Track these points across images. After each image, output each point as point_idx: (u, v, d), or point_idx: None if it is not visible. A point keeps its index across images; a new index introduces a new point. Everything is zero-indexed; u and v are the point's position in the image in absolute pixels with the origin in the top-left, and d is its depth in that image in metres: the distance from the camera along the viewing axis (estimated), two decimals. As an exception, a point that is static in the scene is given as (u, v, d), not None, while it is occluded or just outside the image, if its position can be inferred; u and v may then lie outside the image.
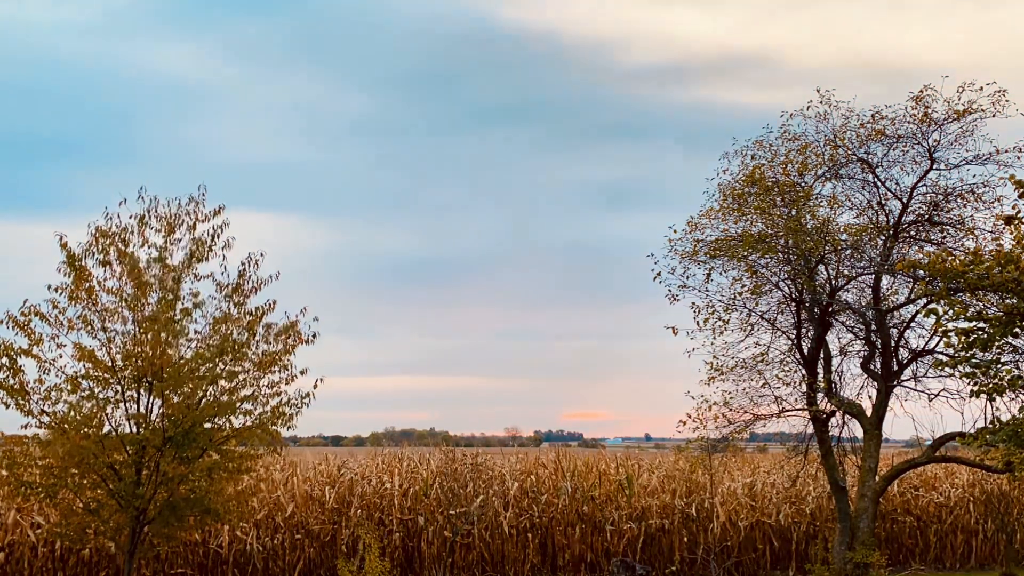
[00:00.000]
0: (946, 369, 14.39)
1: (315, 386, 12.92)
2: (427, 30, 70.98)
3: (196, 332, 12.72)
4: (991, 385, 12.37)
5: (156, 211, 12.72)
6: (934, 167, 15.36)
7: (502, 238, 77.45)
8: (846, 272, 16.10)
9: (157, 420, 12.40)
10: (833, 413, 16.13)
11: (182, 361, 12.36)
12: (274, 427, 12.92)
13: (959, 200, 15.47)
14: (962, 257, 12.70)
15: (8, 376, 11.97)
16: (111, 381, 12.29)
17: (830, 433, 16.26)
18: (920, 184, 15.52)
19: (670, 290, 15.97)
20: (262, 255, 12.99)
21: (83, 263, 12.35)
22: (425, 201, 75.96)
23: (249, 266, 12.91)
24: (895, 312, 15.99)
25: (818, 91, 15.45)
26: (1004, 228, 13.10)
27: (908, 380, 15.89)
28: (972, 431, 13.66)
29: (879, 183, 15.75)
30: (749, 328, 16.18)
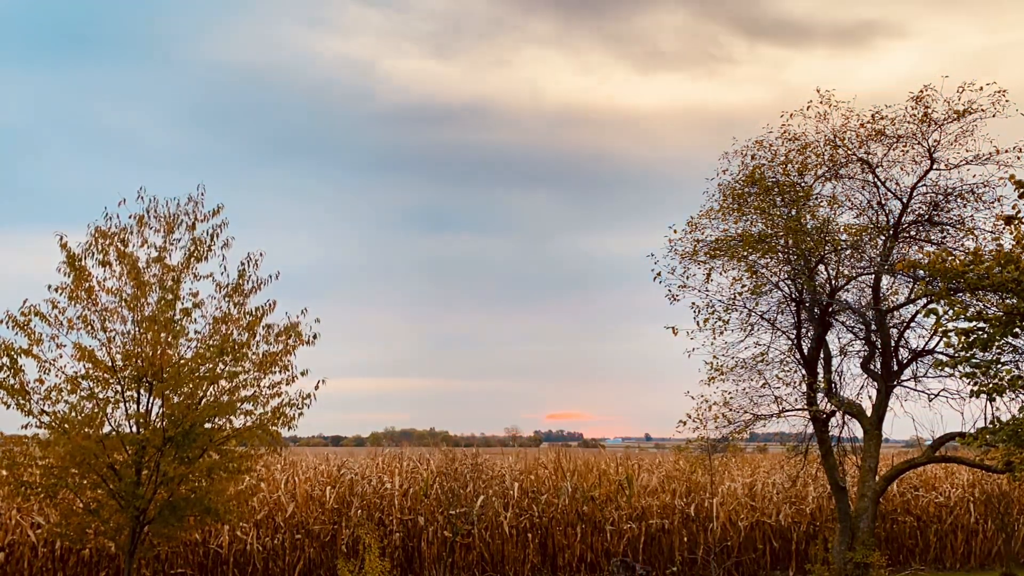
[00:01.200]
0: (946, 369, 14.38)
1: (316, 387, 12.93)
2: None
3: (196, 332, 12.73)
4: (991, 385, 12.36)
5: (155, 211, 12.74)
6: (934, 167, 15.35)
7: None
8: (846, 272, 16.09)
9: (157, 420, 12.40)
10: (833, 413, 16.13)
11: (182, 361, 12.36)
12: (274, 427, 12.93)
13: (959, 200, 15.46)
14: (962, 257, 12.69)
15: (8, 376, 11.96)
16: (111, 381, 12.29)
17: (830, 433, 16.25)
18: (920, 184, 15.52)
19: (670, 290, 15.97)
20: (261, 255, 13.01)
21: (83, 263, 12.35)
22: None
23: (249, 266, 12.92)
24: (895, 312, 15.98)
25: (818, 91, 15.48)
26: (1004, 228, 13.09)
27: (908, 380, 15.88)
28: (972, 431, 13.65)
29: (879, 183, 15.75)
30: (749, 328, 16.18)
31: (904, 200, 15.62)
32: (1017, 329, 12.05)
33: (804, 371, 16.16)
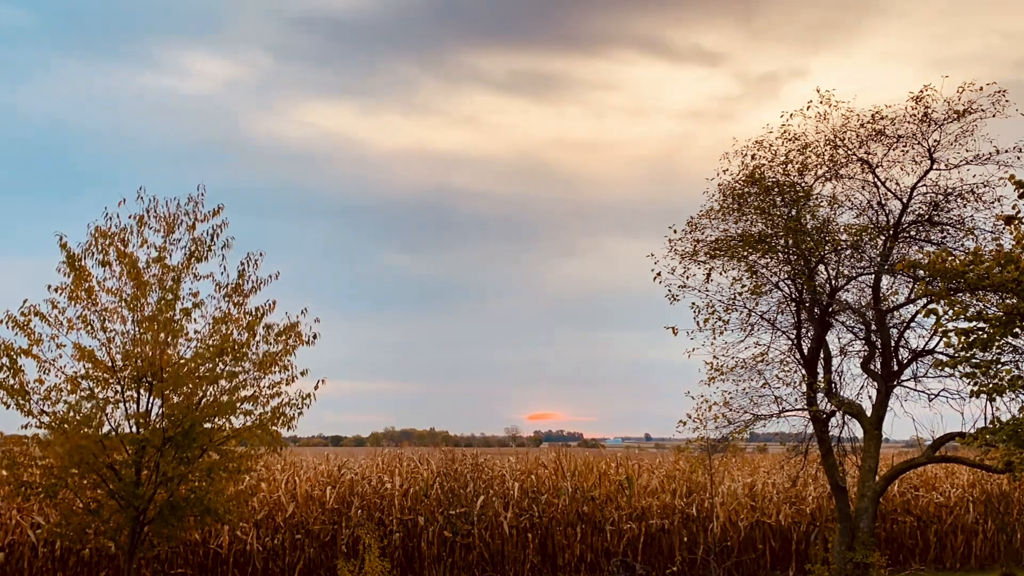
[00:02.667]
0: (946, 369, 14.37)
1: (316, 387, 12.94)
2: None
3: (196, 332, 12.74)
4: (991, 385, 12.37)
5: (155, 211, 12.75)
6: (934, 167, 15.34)
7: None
8: (846, 272, 16.08)
9: (157, 420, 12.40)
10: (833, 413, 16.12)
11: (182, 361, 12.36)
12: (274, 427, 12.93)
13: (959, 200, 15.44)
14: (962, 257, 12.69)
15: (8, 376, 11.97)
16: (111, 381, 12.30)
17: (830, 433, 16.24)
18: (920, 184, 15.51)
19: (670, 290, 15.96)
20: (261, 255, 13.02)
21: (83, 263, 12.36)
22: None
23: (248, 266, 12.93)
24: (895, 312, 15.97)
25: (818, 91, 15.47)
26: (1004, 228, 13.09)
27: (908, 380, 15.86)
28: (972, 431, 13.65)
29: (879, 183, 15.74)
30: (749, 328, 16.16)
31: (904, 200, 15.62)
32: (1017, 329, 12.06)
33: (804, 371, 16.15)
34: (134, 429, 12.36)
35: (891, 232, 15.64)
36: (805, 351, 16.22)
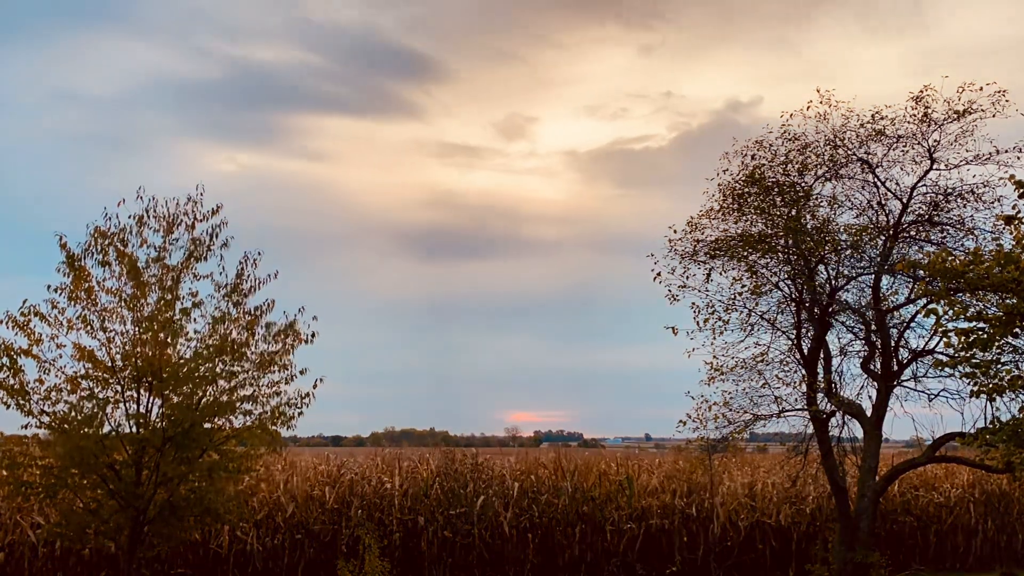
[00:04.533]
0: (946, 369, 14.35)
1: (315, 386, 12.94)
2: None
3: (195, 332, 12.75)
4: (991, 385, 12.35)
5: (155, 211, 12.76)
6: (934, 167, 15.35)
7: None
8: (846, 272, 16.08)
9: (157, 420, 12.41)
10: (833, 413, 16.11)
11: (181, 361, 12.37)
12: (274, 427, 12.93)
13: (959, 200, 15.45)
14: (962, 257, 12.68)
15: (8, 376, 11.97)
16: (111, 381, 12.30)
17: (830, 433, 16.24)
18: (920, 184, 15.51)
19: (670, 290, 15.96)
20: (260, 254, 13.03)
21: (82, 263, 12.36)
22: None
23: (247, 265, 12.93)
24: (895, 312, 15.97)
25: (818, 91, 15.47)
26: (1004, 228, 13.08)
27: (908, 380, 15.85)
28: (972, 431, 13.64)
29: (879, 183, 15.74)
30: (749, 328, 16.15)
31: (904, 200, 15.61)
32: (1017, 329, 12.04)
33: (804, 371, 16.15)
34: (134, 429, 12.36)
35: (891, 232, 15.64)
36: (805, 351, 16.21)
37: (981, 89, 14.61)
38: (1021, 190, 11.70)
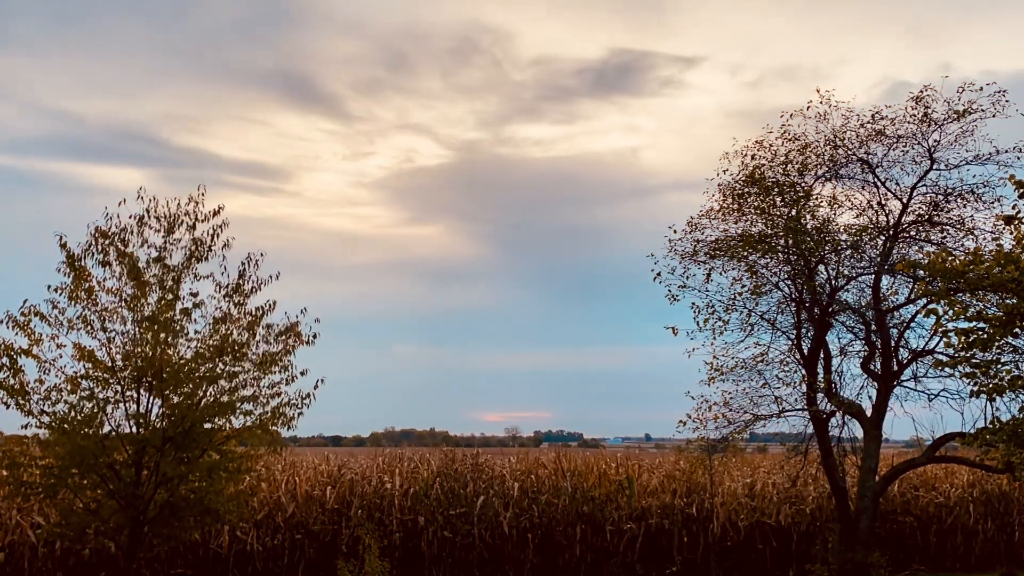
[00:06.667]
0: (946, 369, 14.37)
1: (316, 387, 12.94)
2: None
3: (196, 332, 12.74)
4: (991, 385, 12.35)
5: (155, 211, 12.75)
6: (934, 167, 15.36)
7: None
8: (846, 272, 16.09)
9: (157, 420, 12.41)
10: (833, 413, 16.12)
11: (182, 361, 12.36)
12: (274, 427, 12.93)
13: (959, 200, 15.46)
14: (962, 257, 12.69)
15: (8, 376, 11.97)
16: (111, 381, 12.29)
17: (830, 433, 16.25)
18: (920, 184, 15.52)
19: (670, 290, 15.97)
20: (262, 255, 13.02)
21: (83, 263, 12.36)
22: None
23: (249, 266, 12.93)
24: (895, 312, 15.98)
25: (818, 91, 15.48)
26: (1004, 228, 13.09)
27: (908, 380, 15.87)
28: (972, 431, 13.64)
29: (879, 183, 15.75)
30: (749, 328, 16.17)
31: (904, 200, 15.63)
32: (1017, 329, 12.04)
33: (804, 371, 16.15)
34: (134, 429, 12.36)
35: (891, 232, 15.65)
36: (805, 351, 16.22)
37: (981, 89, 14.65)
38: (1021, 190, 11.70)
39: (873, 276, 15.82)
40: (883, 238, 15.79)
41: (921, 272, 13.37)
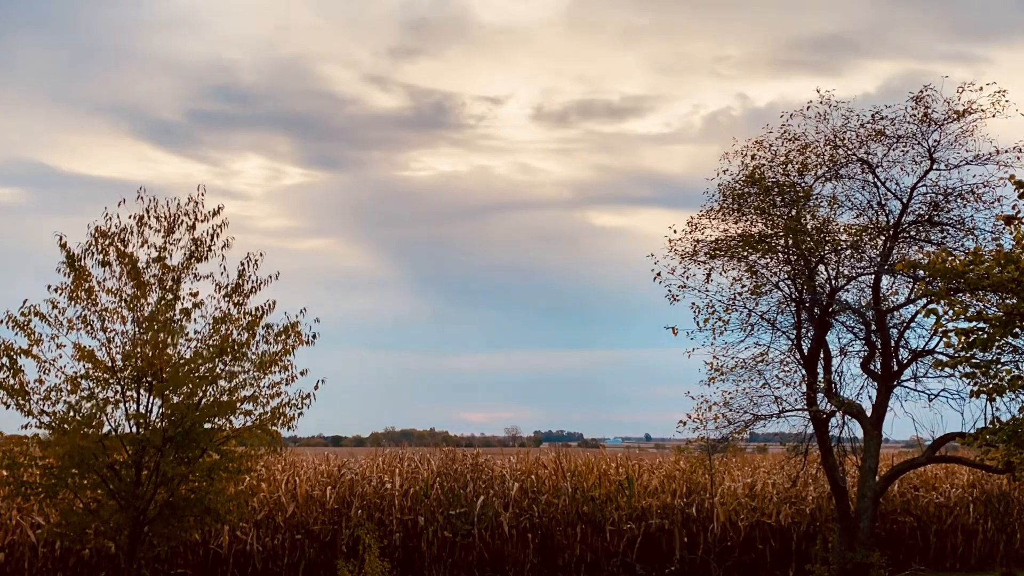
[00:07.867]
0: (946, 369, 14.37)
1: (316, 387, 12.93)
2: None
3: (196, 332, 12.75)
4: (991, 385, 12.36)
5: (155, 211, 12.75)
6: (934, 167, 15.36)
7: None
8: (846, 272, 16.09)
9: (157, 420, 12.41)
10: (833, 413, 16.12)
11: (182, 361, 12.36)
12: (274, 427, 12.93)
13: (959, 200, 15.46)
14: (962, 257, 12.69)
15: (8, 376, 11.98)
16: (111, 381, 12.30)
17: (830, 433, 16.25)
18: (920, 184, 15.53)
19: (670, 290, 15.97)
20: (261, 255, 13.02)
21: (83, 263, 12.36)
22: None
23: (248, 266, 12.92)
24: (895, 312, 15.98)
25: (818, 91, 15.49)
26: (1004, 228, 13.09)
27: (908, 380, 15.88)
28: (972, 431, 13.65)
29: (879, 183, 15.75)
30: (749, 328, 16.16)
31: (904, 200, 15.63)
32: (1017, 329, 12.05)
33: (804, 371, 16.15)
34: (134, 429, 12.36)
35: (891, 232, 15.65)
36: (805, 351, 16.22)
37: (981, 89, 14.66)
38: (1021, 190, 11.71)
39: (873, 276, 15.82)
40: (883, 238, 15.79)
41: (921, 272, 13.38)
